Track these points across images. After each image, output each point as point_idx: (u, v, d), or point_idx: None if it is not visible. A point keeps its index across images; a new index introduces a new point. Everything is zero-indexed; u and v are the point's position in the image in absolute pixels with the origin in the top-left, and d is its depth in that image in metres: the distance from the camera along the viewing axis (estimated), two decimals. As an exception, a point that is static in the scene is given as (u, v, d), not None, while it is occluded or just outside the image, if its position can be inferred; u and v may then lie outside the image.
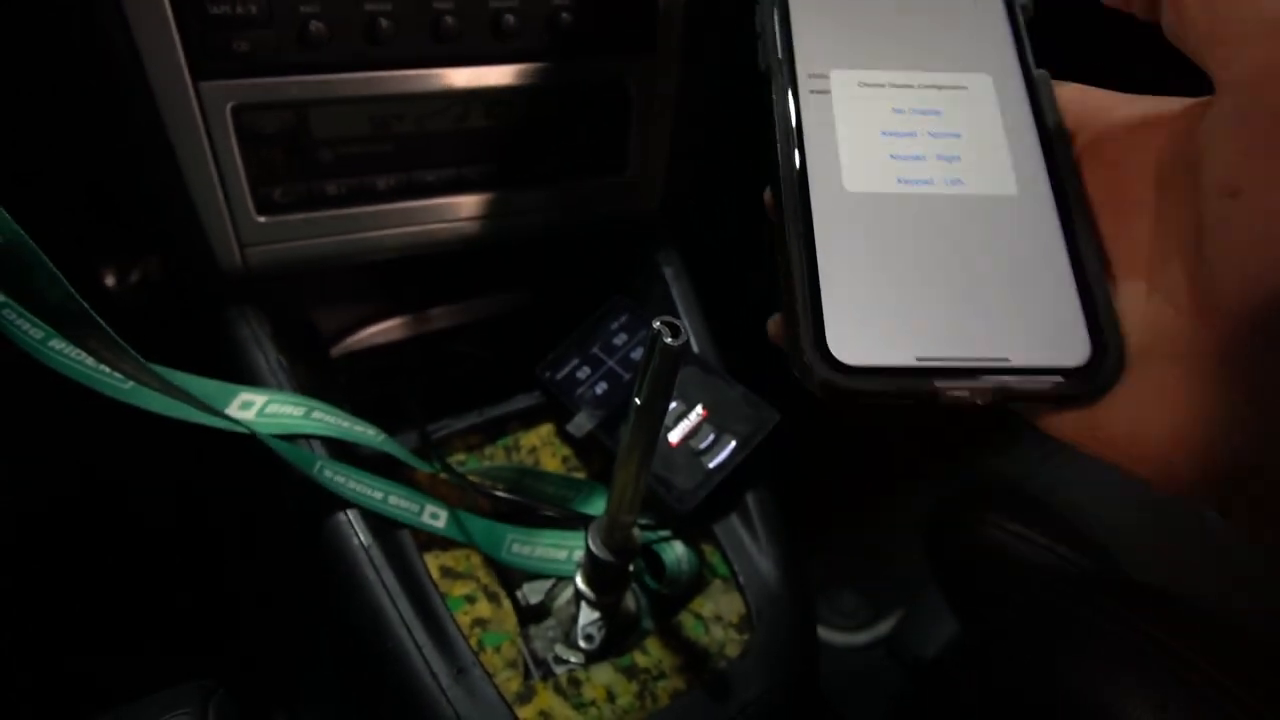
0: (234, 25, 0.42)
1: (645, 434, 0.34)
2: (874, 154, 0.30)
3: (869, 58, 0.32)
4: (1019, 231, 0.29)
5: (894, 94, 0.32)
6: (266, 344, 0.52)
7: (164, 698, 0.38)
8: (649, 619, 0.53)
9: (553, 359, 0.60)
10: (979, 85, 0.32)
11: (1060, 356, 0.27)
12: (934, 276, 0.28)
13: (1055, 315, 0.28)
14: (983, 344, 0.27)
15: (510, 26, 0.48)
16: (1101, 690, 0.40)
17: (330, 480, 0.46)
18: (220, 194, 0.47)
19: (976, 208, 0.30)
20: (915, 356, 0.27)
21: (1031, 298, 0.28)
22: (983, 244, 0.29)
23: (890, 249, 0.29)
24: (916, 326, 0.27)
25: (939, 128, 0.31)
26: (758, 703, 0.47)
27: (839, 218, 0.29)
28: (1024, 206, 0.30)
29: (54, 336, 0.42)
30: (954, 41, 0.33)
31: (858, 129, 0.31)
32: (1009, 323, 0.28)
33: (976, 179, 0.30)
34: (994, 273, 0.29)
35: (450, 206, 0.54)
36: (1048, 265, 0.29)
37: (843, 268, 0.28)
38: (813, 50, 0.32)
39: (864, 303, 0.28)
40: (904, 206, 0.30)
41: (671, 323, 0.30)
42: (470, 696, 0.43)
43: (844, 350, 0.27)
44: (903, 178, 0.30)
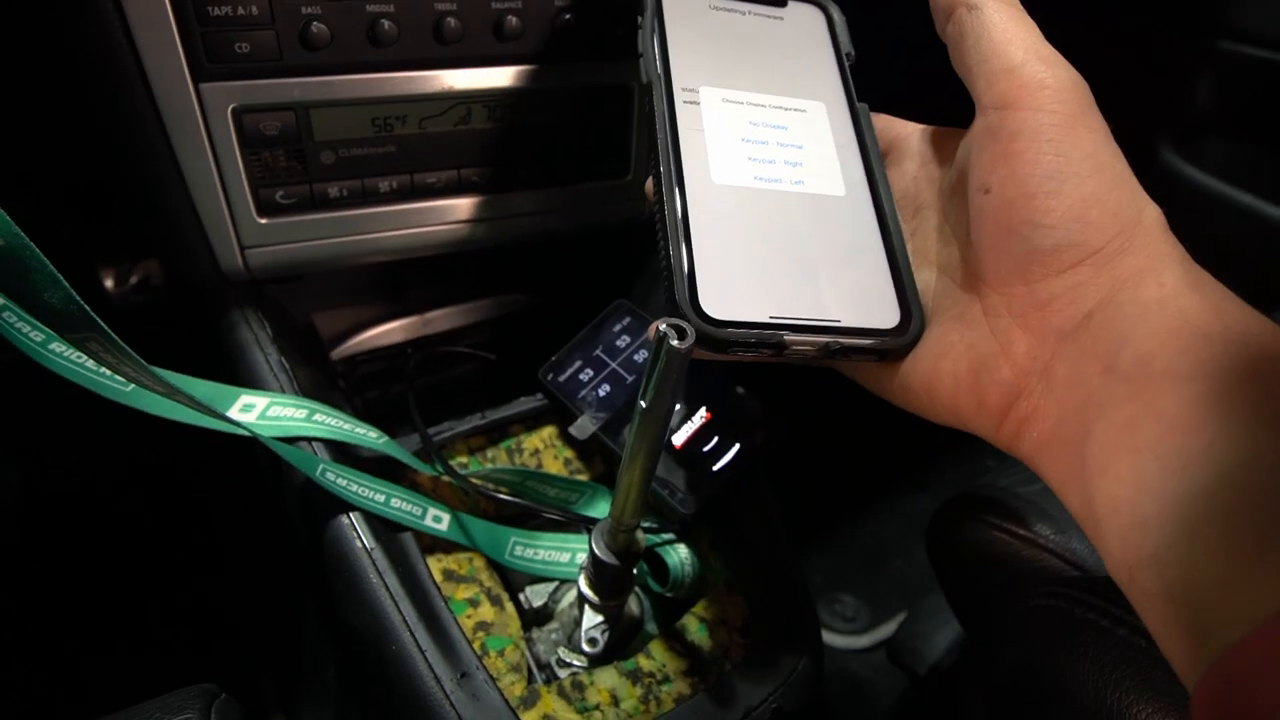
0: (235, 26, 0.42)
1: (650, 437, 0.34)
2: (736, 155, 0.37)
3: (731, 80, 0.39)
4: (846, 223, 0.37)
5: (751, 110, 0.39)
6: (268, 346, 0.52)
7: (166, 701, 0.37)
8: (653, 622, 0.53)
9: (556, 361, 0.59)
10: (815, 109, 0.40)
11: (878, 320, 0.35)
12: (783, 254, 0.35)
13: (873, 288, 0.35)
14: (820, 308, 0.34)
15: (513, 29, 0.48)
16: (1105, 693, 0.40)
17: (332, 483, 0.46)
18: (221, 196, 0.47)
19: (815, 203, 0.37)
20: (769, 315, 0.33)
21: (855, 274, 0.36)
22: (819, 231, 0.36)
23: (749, 230, 0.35)
24: (769, 291, 0.34)
25: (786, 139, 0.38)
26: (761, 707, 0.47)
27: (709, 204, 0.35)
28: (850, 204, 0.38)
29: (54, 339, 0.41)
30: (796, 75, 0.41)
31: (723, 134, 0.37)
32: (840, 293, 0.35)
33: (814, 181, 0.38)
34: (828, 254, 0.36)
35: (452, 209, 0.54)
36: (867, 250, 0.36)
37: (712, 243, 0.34)
38: (686, 70, 0.38)
39: (728, 271, 0.34)
40: (759, 198, 0.36)
41: (679, 325, 0.29)
42: (474, 700, 0.43)
43: (713, 307, 0.33)
44: (758, 176, 0.37)
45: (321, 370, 0.59)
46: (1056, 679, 0.42)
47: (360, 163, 0.50)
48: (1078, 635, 0.42)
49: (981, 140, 0.33)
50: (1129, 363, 0.28)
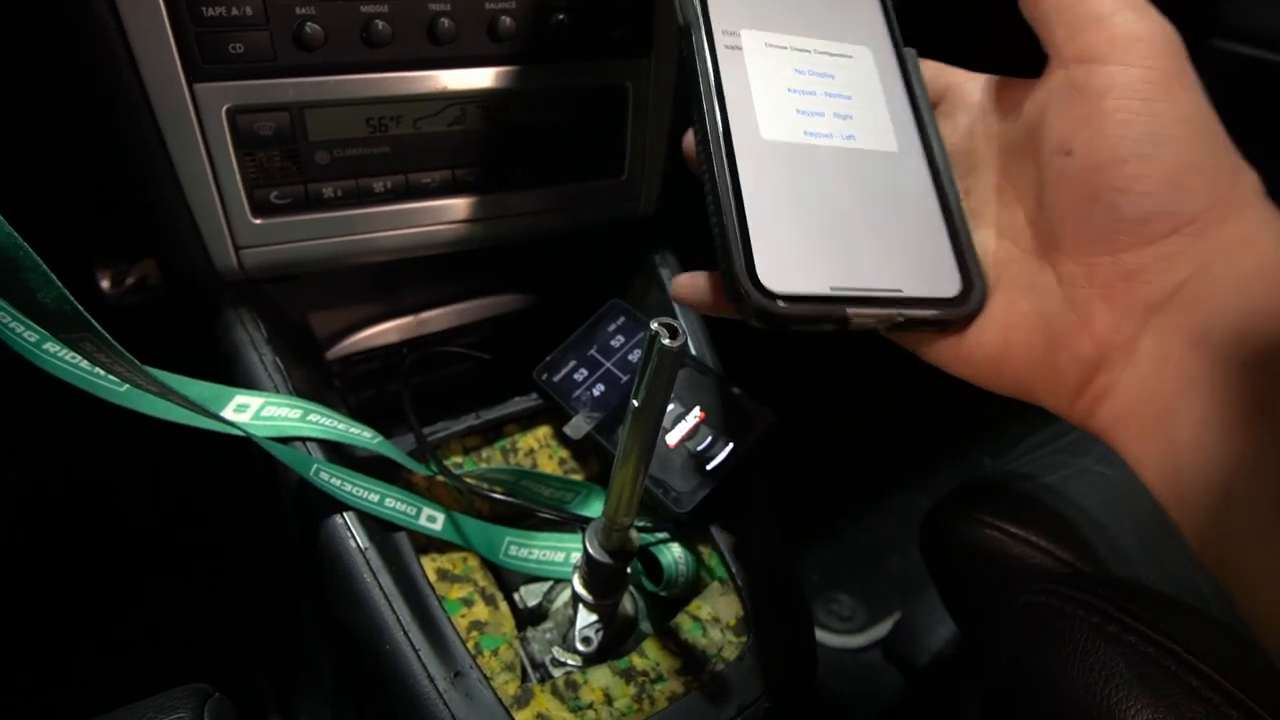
0: (229, 27, 0.42)
1: (643, 436, 0.34)
2: (784, 107, 0.34)
3: (773, 21, 0.35)
4: (900, 182, 0.34)
5: (795, 56, 0.35)
6: (262, 346, 0.52)
7: (159, 701, 0.37)
8: (647, 621, 0.53)
9: (550, 361, 0.60)
10: (861, 55, 0.36)
11: (939, 288, 0.32)
12: (839, 219, 0.32)
13: (933, 255, 0.33)
14: (881, 277, 0.32)
15: (507, 29, 0.48)
16: (1097, 690, 0.40)
17: (326, 483, 0.46)
18: (216, 196, 0.47)
19: (867, 161, 0.34)
20: (830, 286, 0.31)
21: (913, 239, 0.33)
22: (875, 192, 0.33)
23: (804, 193, 0.32)
24: (828, 260, 0.31)
25: (833, 89, 0.35)
26: (755, 705, 0.47)
27: (760, 164, 0.32)
28: (903, 162, 0.35)
29: (49, 339, 0.41)
30: (839, 16, 0.37)
31: (769, 84, 0.34)
32: (899, 259, 0.32)
33: (865, 135, 0.35)
34: (884, 218, 0.33)
35: (447, 209, 0.54)
36: (924, 212, 0.34)
37: (766, 208, 0.31)
38: (726, 10, 0.35)
39: (785, 240, 0.31)
40: (811, 156, 0.33)
41: (670, 324, 0.30)
42: (467, 700, 0.43)
43: (773, 280, 0.30)
44: (808, 130, 0.34)
45: (316, 370, 0.59)
46: (1048, 676, 0.43)
47: (355, 163, 0.50)
48: (1069, 632, 0.42)
49: (1062, 97, 0.30)
50: (1223, 336, 0.26)
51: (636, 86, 0.55)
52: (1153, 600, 0.42)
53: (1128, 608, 0.41)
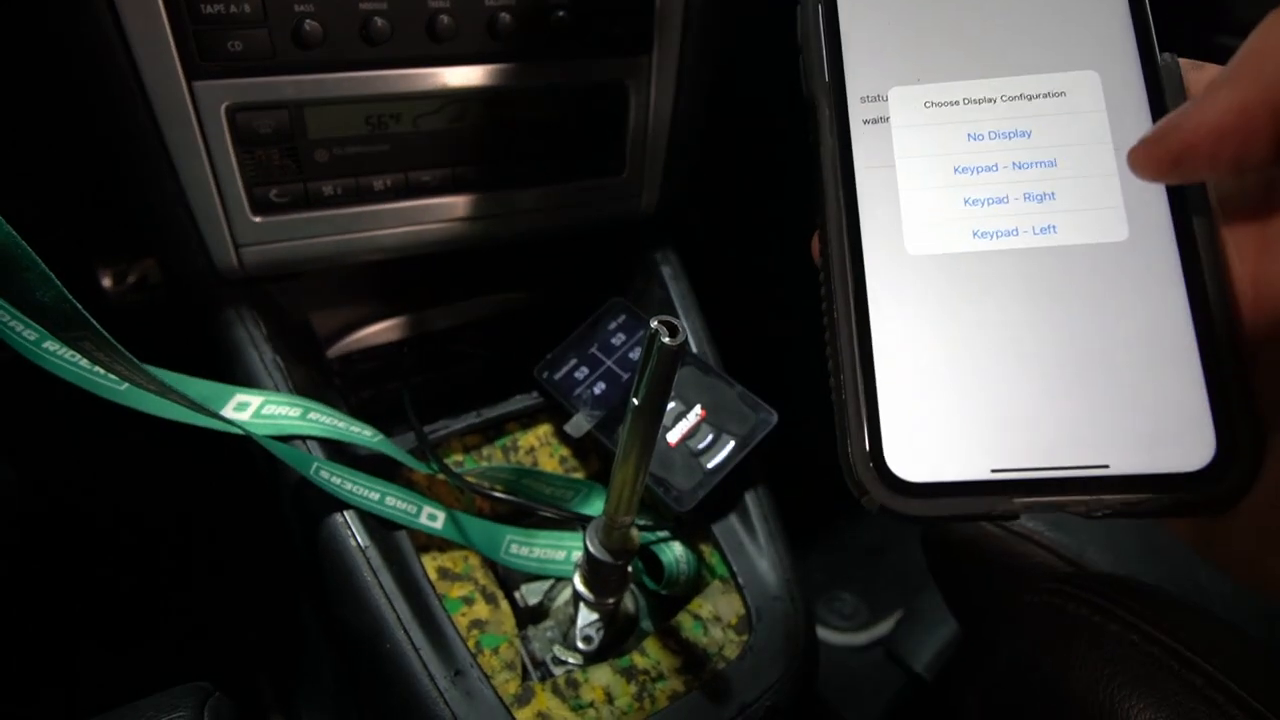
0: (228, 25, 0.42)
1: (643, 434, 0.34)
2: (944, 201, 0.24)
3: (938, 68, 0.25)
4: (1129, 291, 0.23)
5: (970, 113, 0.25)
6: (262, 345, 0.52)
7: (160, 700, 0.37)
8: (648, 620, 0.53)
9: (551, 359, 0.59)
10: (1082, 88, 0.25)
11: (1175, 459, 0.22)
12: (1017, 362, 0.23)
13: (1172, 405, 0.22)
14: (1075, 447, 0.22)
15: (507, 26, 0.48)
16: (1101, 691, 0.40)
17: (327, 481, 0.46)
18: (216, 194, 0.47)
19: (1074, 263, 0.23)
20: (990, 468, 0.22)
21: (1142, 381, 0.22)
22: (1081, 312, 0.23)
23: (963, 328, 0.23)
24: (993, 429, 0.22)
25: (1028, 155, 0.24)
26: (756, 704, 0.47)
27: (900, 291, 0.24)
28: (1137, 257, 0.23)
29: (48, 338, 0.41)
30: (1049, 31, 0.25)
31: (924, 168, 0.25)
32: (1111, 417, 0.22)
33: (1075, 224, 0.24)
34: (1095, 350, 0.23)
35: (447, 207, 0.54)
36: (1165, 337, 0.23)
37: (903, 358, 0.23)
38: (867, 64, 0.26)
39: (930, 402, 0.23)
40: (981, 270, 0.24)
41: (670, 322, 0.29)
42: (468, 698, 0.43)
43: (905, 464, 0.22)
44: (980, 230, 0.24)
45: (317, 369, 0.59)
46: (1051, 674, 0.42)
47: (354, 161, 0.50)
48: (1072, 631, 0.42)
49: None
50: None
51: (636, 84, 0.55)
52: (1155, 599, 0.42)
53: (1130, 606, 0.41)
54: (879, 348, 0.23)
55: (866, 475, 0.22)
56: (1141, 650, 0.39)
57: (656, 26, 0.53)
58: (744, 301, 0.93)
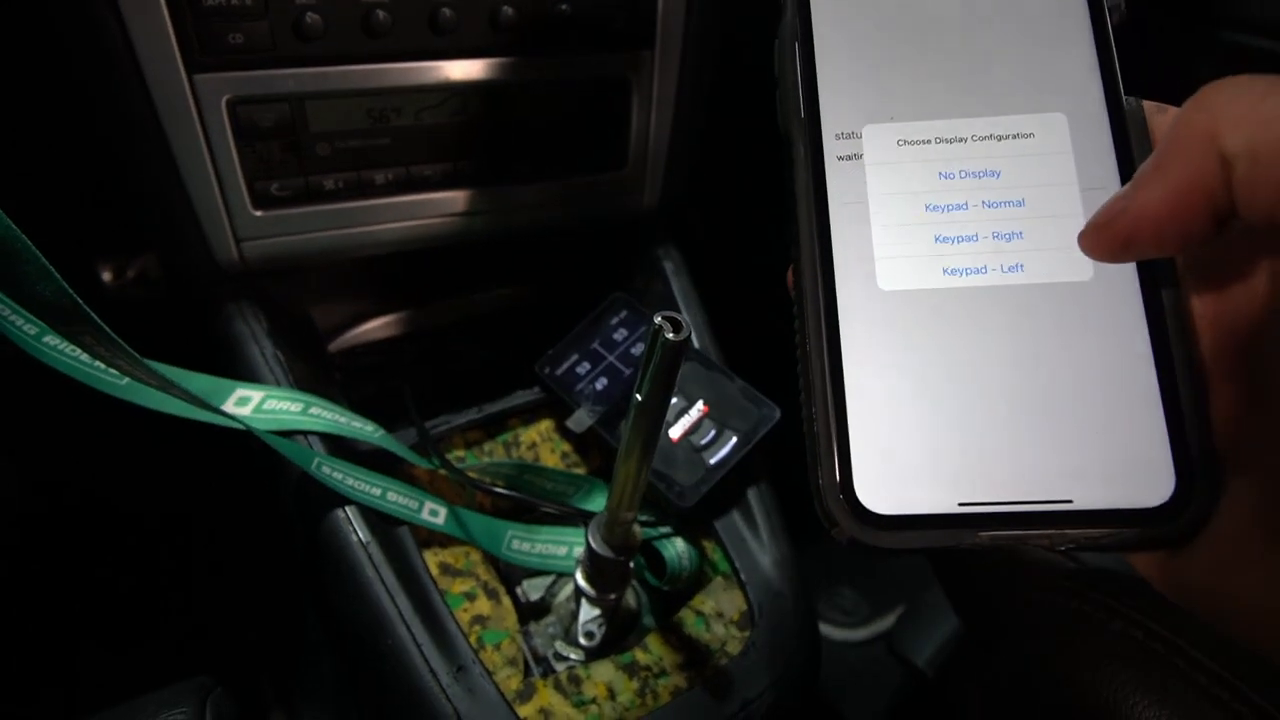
0: (229, 17, 0.42)
1: (646, 430, 0.34)
2: (916, 238, 0.25)
3: (910, 106, 0.26)
4: (1093, 331, 0.24)
5: (941, 152, 0.26)
6: (263, 340, 0.52)
7: (161, 696, 0.37)
8: (650, 616, 0.53)
9: (552, 355, 0.59)
10: (1050, 130, 0.25)
11: (1135, 495, 0.22)
12: (984, 397, 0.23)
13: (1133, 442, 0.23)
14: (1040, 482, 0.23)
15: (509, 19, 0.48)
16: (1104, 688, 0.40)
17: (328, 477, 0.46)
18: (216, 188, 0.47)
19: (1041, 302, 0.24)
20: (957, 502, 0.23)
21: (1104, 419, 0.23)
22: (1046, 350, 0.24)
23: (932, 363, 0.24)
24: (960, 463, 0.23)
25: (997, 195, 0.25)
26: (759, 700, 0.47)
27: (871, 326, 0.24)
28: (1101, 297, 0.24)
29: (48, 333, 0.41)
30: (1019, 73, 0.26)
31: (896, 205, 0.25)
32: (1074, 453, 0.23)
33: (1042, 263, 0.24)
34: (1059, 387, 0.23)
35: (448, 201, 0.53)
36: (1127, 375, 0.23)
37: (874, 392, 0.24)
38: (842, 101, 0.26)
39: (899, 436, 0.23)
40: (950, 306, 0.24)
41: (673, 318, 0.29)
42: (470, 694, 0.43)
43: (873, 497, 0.23)
44: (950, 267, 0.25)
45: (318, 364, 0.59)
46: (1054, 672, 0.42)
47: (356, 155, 0.49)
48: (1075, 629, 0.42)
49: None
50: None
51: (639, 79, 0.55)
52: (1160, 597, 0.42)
53: (1134, 603, 0.41)
54: (850, 381, 0.24)
55: (837, 507, 0.23)
56: (1146, 647, 0.39)
57: (659, 21, 0.53)
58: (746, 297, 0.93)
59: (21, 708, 0.73)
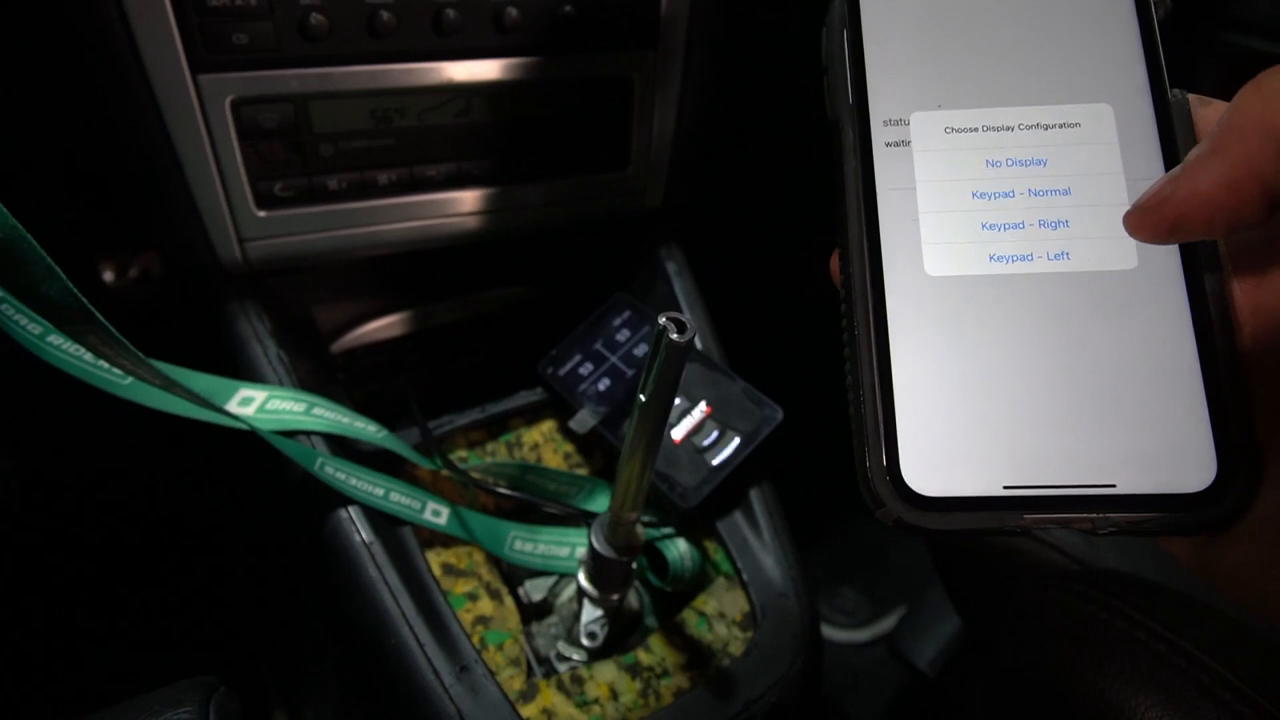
0: (233, 17, 0.42)
1: (650, 430, 0.34)
2: (962, 225, 0.25)
3: (959, 94, 0.26)
4: (1137, 318, 0.24)
5: (988, 140, 0.26)
6: (267, 340, 0.52)
7: (165, 694, 0.37)
8: (652, 616, 0.53)
9: (555, 355, 0.59)
10: (1096, 120, 0.26)
11: (1177, 480, 0.23)
12: (1029, 382, 0.24)
13: (1175, 428, 0.23)
14: (1084, 466, 0.23)
15: (513, 20, 0.48)
16: (1107, 688, 0.40)
17: (331, 477, 0.46)
18: (220, 188, 0.47)
19: (1085, 289, 0.25)
20: (1002, 485, 0.23)
21: (1147, 405, 0.23)
22: (1091, 336, 0.24)
23: (978, 348, 0.24)
24: (1005, 446, 0.23)
25: (1043, 183, 0.26)
26: (761, 700, 0.47)
27: (918, 311, 0.25)
28: (1145, 284, 0.24)
29: (52, 332, 0.41)
30: (1066, 64, 0.26)
31: (943, 193, 0.26)
32: (1117, 438, 0.23)
33: (1087, 250, 0.25)
34: (1103, 373, 0.24)
35: (452, 202, 0.54)
36: (1170, 362, 0.24)
37: (921, 376, 0.24)
38: (890, 88, 0.27)
39: (945, 419, 0.24)
40: (996, 292, 0.25)
41: (678, 318, 0.29)
42: (473, 694, 0.43)
43: (920, 479, 0.23)
44: (996, 254, 0.25)
45: (321, 363, 0.59)
46: (1056, 672, 0.42)
47: (359, 155, 0.49)
48: (1078, 628, 0.42)
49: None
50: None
51: (642, 79, 0.55)
52: (1162, 596, 0.42)
53: (1137, 603, 0.41)
54: (897, 365, 0.24)
55: (884, 489, 0.23)
56: (1148, 648, 0.39)
57: (662, 22, 0.53)
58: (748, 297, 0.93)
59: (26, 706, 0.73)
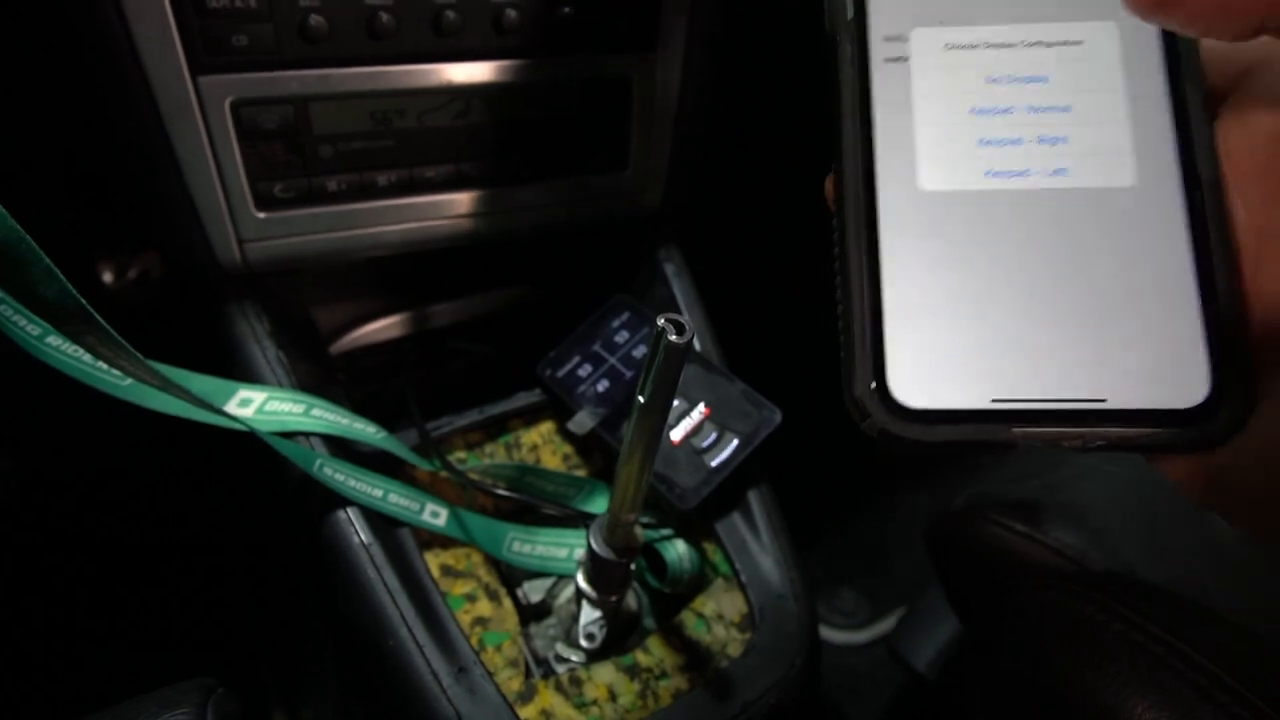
0: (233, 19, 0.42)
1: (649, 431, 0.34)
2: (959, 140, 0.25)
3: (960, 11, 0.26)
4: (1134, 235, 0.24)
5: (989, 57, 0.26)
6: (266, 341, 0.52)
7: (164, 695, 0.37)
8: (651, 618, 0.53)
9: (554, 357, 0.59)
10: (1100, 38, 0.25)
11: (1169, 396, 0.22)
12: (1022, 297, 0.24)
13: (1169, 344, 0.23)
14: (1075, 380, 0.23)
15: (512, 22, 0.48)
16: (1104, 690, 0.40)
17: (330, 478, 0.46)
18: (219, 190, 0.47)
19: (1082, 205, 0.24)
20: (991, 398, 0.23)
21: (1141, 321, 0.23)
22: (1086, 252, 0.24)
23: (970, 263, 0.24)
24: (995, 359, 0.23)
25: (1043, 99, 0.25)
26: (759, 701, 0.47)
27: (911, 225, 0.24)
28: (1143, 202, 0.24)
29: (51, 333, 0.41)
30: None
31: (941, 108, 0.25)
32: (1109, 352, 0.23)
33: (1086, 166, 0.25)
34: (1097, 290, 0.24)
35: (451, 203, 0.54)
36: (1166, 280, 0.23)
37: (911, 288, 0.24)
38: (890, 4, 0.26)
39: (934, 332, 0.23)
40: (991, 207, 0.24)
41: (676, 320, 0.29)
42: (471, 695, 0.43)
43: (906, 390, 0.23)
44: (993, 169, 0.25)
45: (320, 364, 0.59)
46: (1055, 673, 0.42)
47: (359, 156, 0.49)
48: (1076, 630, 0.42)
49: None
50: None
51: (641, 80, 0.55)
52: (1160, 598, 0.42)
53: (1135, 605, 0.41)
54: (887, 278, 0.24)
55: (869, 400, 0.23)
56: (1146, 650, 0.39)
57: (661, 23, 0.53)
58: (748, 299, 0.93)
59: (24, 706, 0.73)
